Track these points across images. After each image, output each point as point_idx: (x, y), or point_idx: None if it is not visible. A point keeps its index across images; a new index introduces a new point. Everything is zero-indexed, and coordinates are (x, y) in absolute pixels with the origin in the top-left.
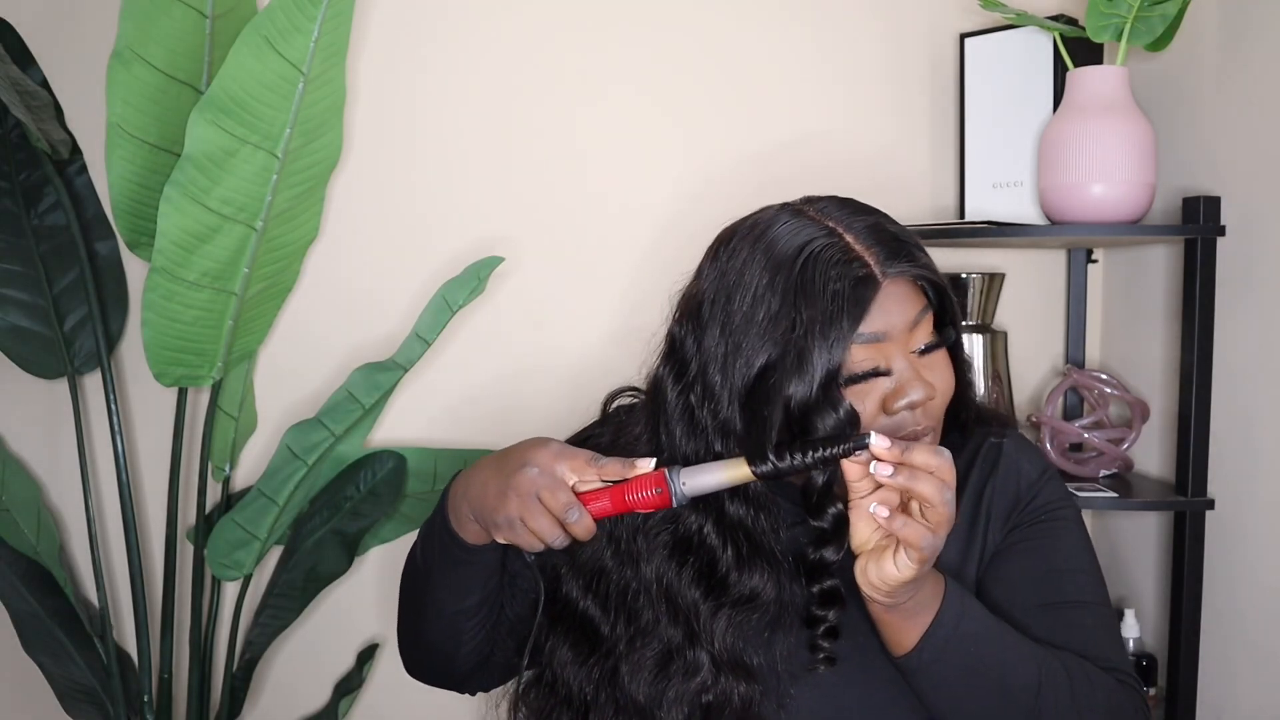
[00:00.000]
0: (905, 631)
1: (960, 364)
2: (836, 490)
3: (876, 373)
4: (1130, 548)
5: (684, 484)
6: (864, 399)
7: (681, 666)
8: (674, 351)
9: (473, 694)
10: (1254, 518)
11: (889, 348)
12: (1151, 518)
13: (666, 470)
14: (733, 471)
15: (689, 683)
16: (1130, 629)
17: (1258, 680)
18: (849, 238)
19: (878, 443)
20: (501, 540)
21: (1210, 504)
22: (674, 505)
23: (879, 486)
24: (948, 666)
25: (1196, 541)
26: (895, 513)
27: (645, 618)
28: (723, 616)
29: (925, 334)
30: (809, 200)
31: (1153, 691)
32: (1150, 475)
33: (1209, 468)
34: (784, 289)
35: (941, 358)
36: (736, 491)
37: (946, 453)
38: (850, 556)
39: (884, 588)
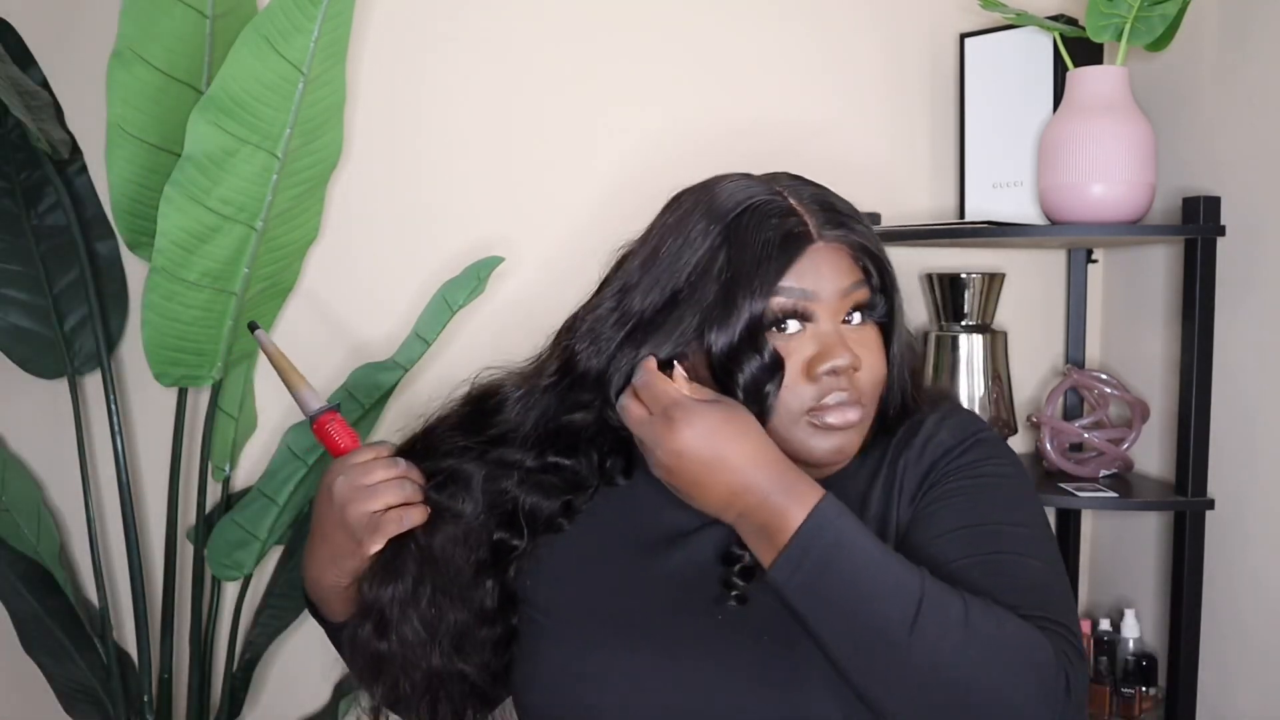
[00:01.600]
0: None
1: (892, 349)
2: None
3: (797, 314)
4: (1130, 548)
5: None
6: (786, 359)
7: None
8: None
9: None
10: (1254, 518)
11: (816, 308)
12: (1151, 518)
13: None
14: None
15: None
16: (1130, 629)
17: (1258, 680)
18: (791, 200)
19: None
20: (376, 547)
21: (1210, 504)
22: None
23: None
24: (814, 566)
25: (1196, 541)
26: None
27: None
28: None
29: (854, 302)
30: (766, 174)
31: (1153, 691)
32: (1150, 475)
33: (1209, 468)
34: (718, 234)
35: (872, 337)
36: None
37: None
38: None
39: None
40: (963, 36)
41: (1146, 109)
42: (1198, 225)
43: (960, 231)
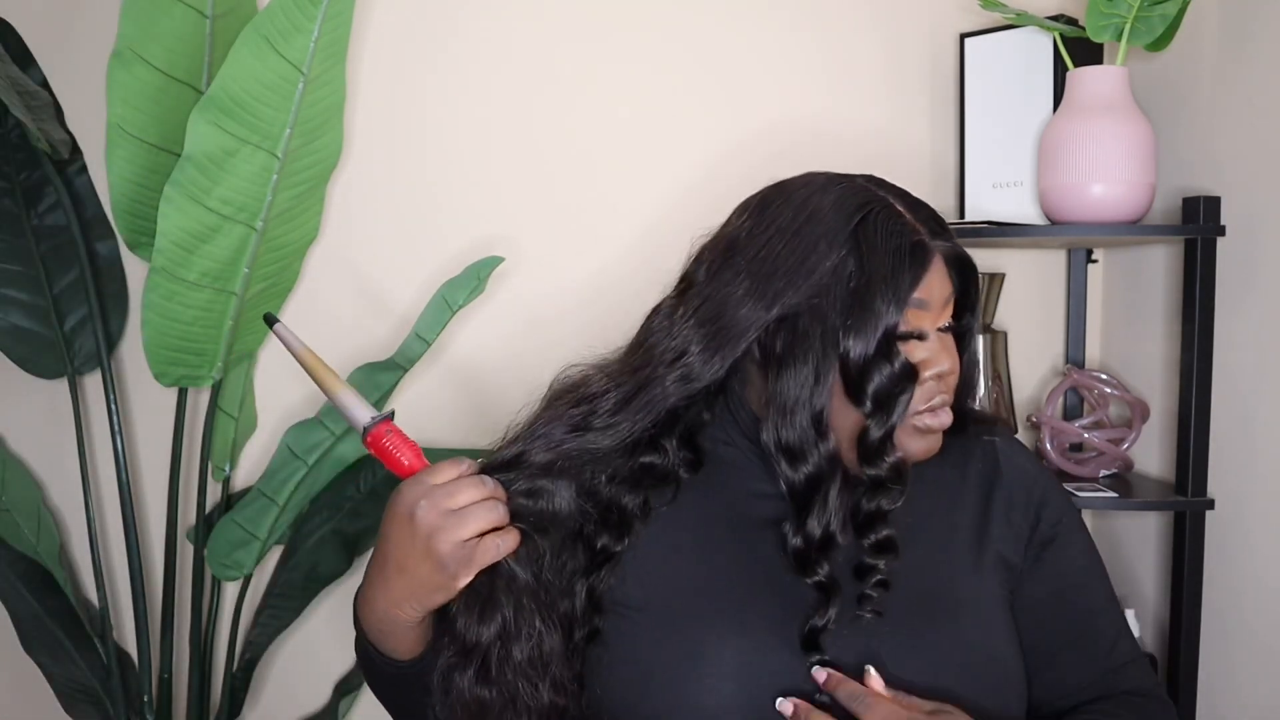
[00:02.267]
0: None
1: (964, 354)
2: (893, 440)
3: (918, 335)
4: (1130, 548)
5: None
6: (921, 357)
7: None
8: (684, 287)
9: None
10: (1254, 518)
11: (925, 318)
12: (1151, 518)
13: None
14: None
15: None
16: (1130, 629)
17: (1258, 680)
18: (899, 206)
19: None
20: (467, 579)
21: (1210, 504)
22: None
23: None
24: None
25: (1196, 541)
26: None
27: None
28: None
29: (949, 314)
30: (847, 174)
31: None
32: (1150, 475)
33: (1209, 468)
34: (841, 241)
35: (953, 341)
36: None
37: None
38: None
39: None
40: (963, 36)
41: (1146, 109)
42: (1198, 225)
43: (960, 231)
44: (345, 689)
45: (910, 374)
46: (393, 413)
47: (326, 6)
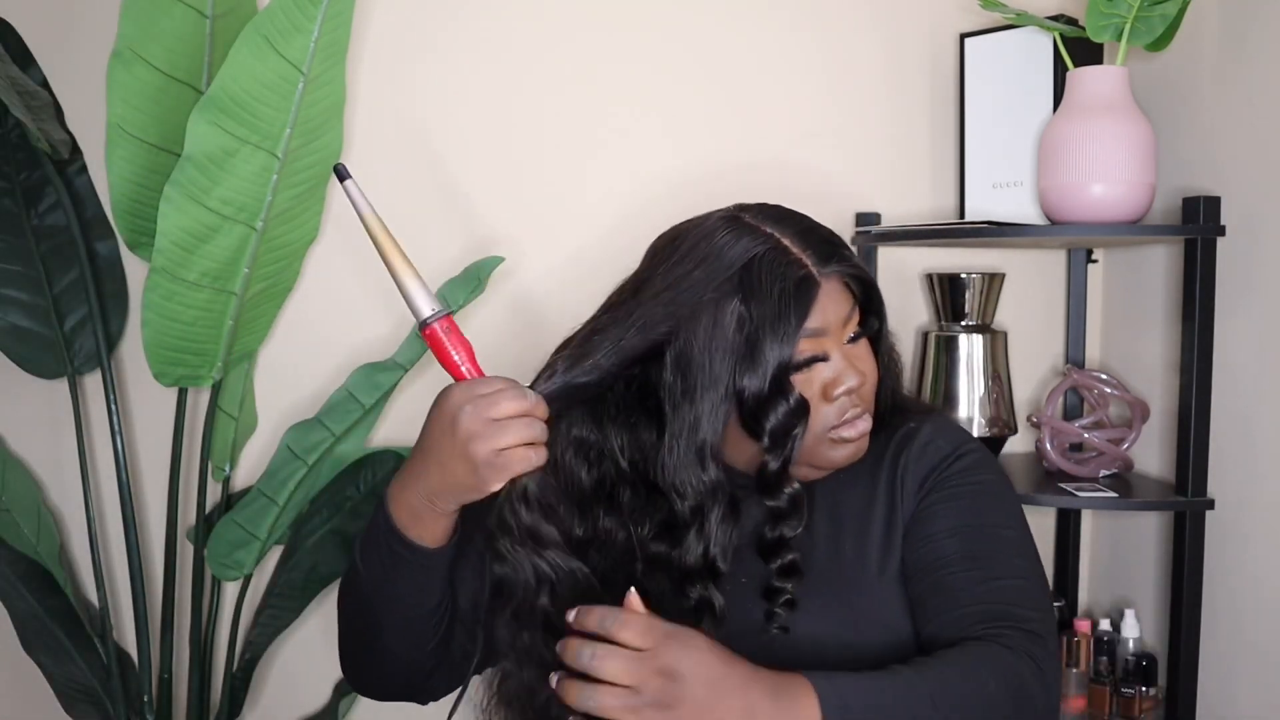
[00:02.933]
0: None
1: (880, 354)
2: (791, 472)
3: (816, 359)
4: (1130, 548)
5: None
6: (807, 387)
7: None
8: (590, 329)
9: (426, 702)
10: (1254, 518)
11: (826, 341)
12: (1151, 518)
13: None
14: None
15: None
16: (1130, 629)
17: (1258, 680)
18: (785, 240)
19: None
20: (498, 486)
21: (1210, 504)
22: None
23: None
24: None
25: (1196, 541)
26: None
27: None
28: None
29: (854, 327)
30: (742, 208)
31: (1153, 691)
32: (1150, 475)
33: (1209, 468)
34: (730, 290)
35: (866, 349)
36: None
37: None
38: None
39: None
40: (963, 36)
41: (1146, 109)
42: (1198, 225)
43: (960, 231)
44: (345, 689)
45: (802, 410)
46: (453, 310)
47: (326, 6)
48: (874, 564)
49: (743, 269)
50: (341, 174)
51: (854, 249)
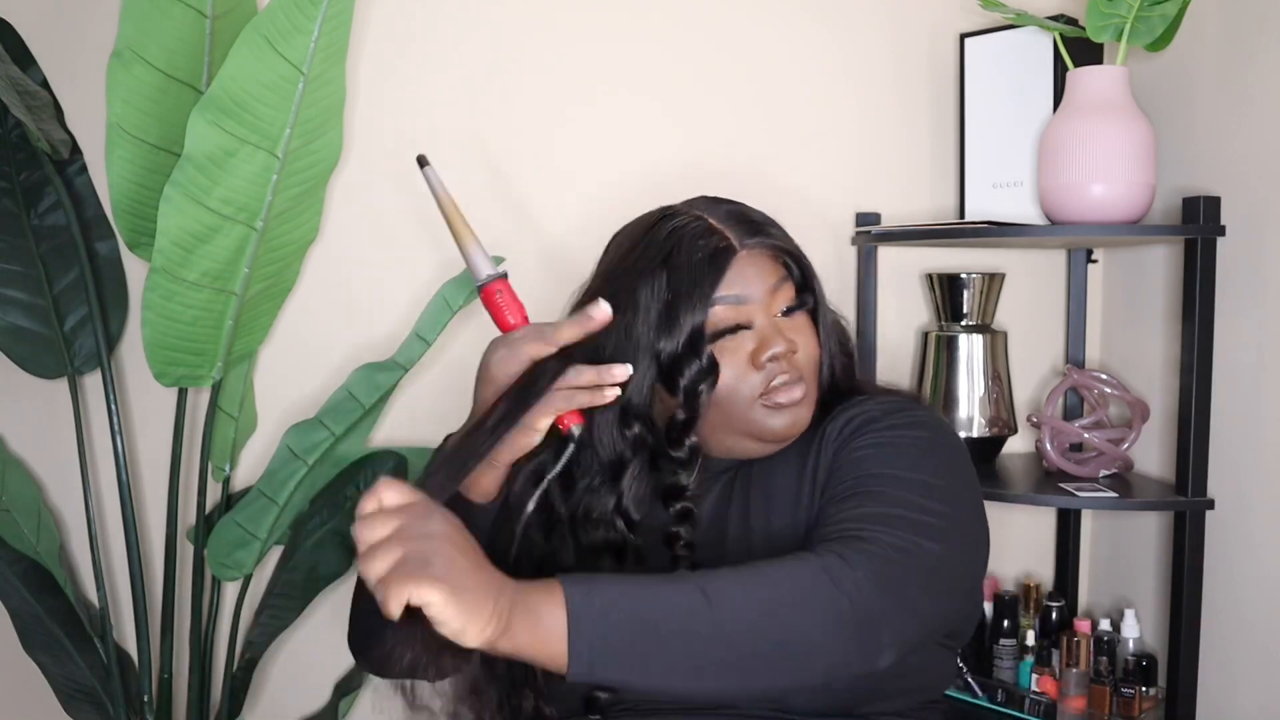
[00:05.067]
0: (549, 643)
1: (819, 331)
2: (694, 426)
3: (738, 327)
4: (1130, 548)
5: None
6: (733, 354)
7: None
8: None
9: (434, 680)
10: (1254, 518)
11: (750, 309)
12: (1151, 518)
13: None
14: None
15: None
16: (1130, 629)
17: (1258, 680)
18: (711, 219)
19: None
20: (546, 421)
21: (1210, 504)
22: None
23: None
24: (603, 645)
25: (1196, 541)
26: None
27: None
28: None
29: (786, 299)
30: (682, 201)
31: (1153, 691)
32: (1150, 475)
33: (1209, 468)
34: (656, 266)
35: (804, 323)
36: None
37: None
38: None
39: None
40: (963, 36)
41: (1146, 109)
42: (1198, 225)
43: (960, 231)
44: (345, 689)
45: (713, 367)
46: (507, 274)
47: (326, 7)
48: (804, 534)
49: (667, 250)
50: (423, 162)
51: (781, 231)
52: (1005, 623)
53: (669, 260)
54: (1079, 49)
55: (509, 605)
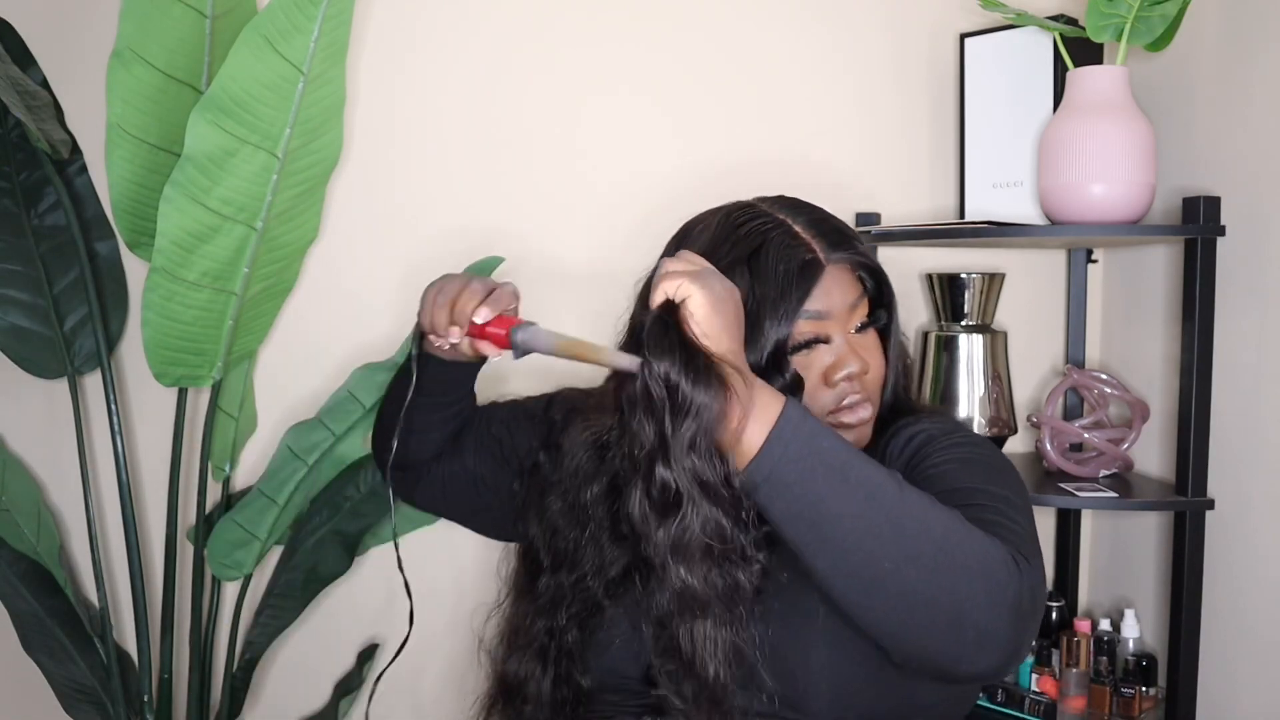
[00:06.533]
0: (755, 421)
1: (889, 349)
2: None
3: (817, 340)
4: (1130, 548)
5: (521, 337)
6: (807, 370)
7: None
8: (634, 334)
9: (410, 496)
10: (1254, 518)
11: (829, 325)
12: (1151, 518)
13: (520, 323)
14: (566, 344)
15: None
16: (1130, 629)
17: (1258, 680)
18: (796, 227)
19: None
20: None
21: (1210, 504)
22: (512, 349)
23: None
24: (797, 461)
25: (1196, 541)
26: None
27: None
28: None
29: (861, 316)
30: (760, 198)
31: (1153, 691)
32: (1150, 475)
33: (1209, 468)
34: (740, 270)
35: (873, 339)
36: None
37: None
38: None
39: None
40: (963, 36)
41: (1146, 109)
42: (1198, 225)
43: (960, 231)
44: (345, 689)
45: (797, 386)
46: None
47: (326, 6)
48: None
49: (751, 250)
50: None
51: (863, 244)
52: None
53: (753, 264)
54: (1079, 49)
55: (741, 363)
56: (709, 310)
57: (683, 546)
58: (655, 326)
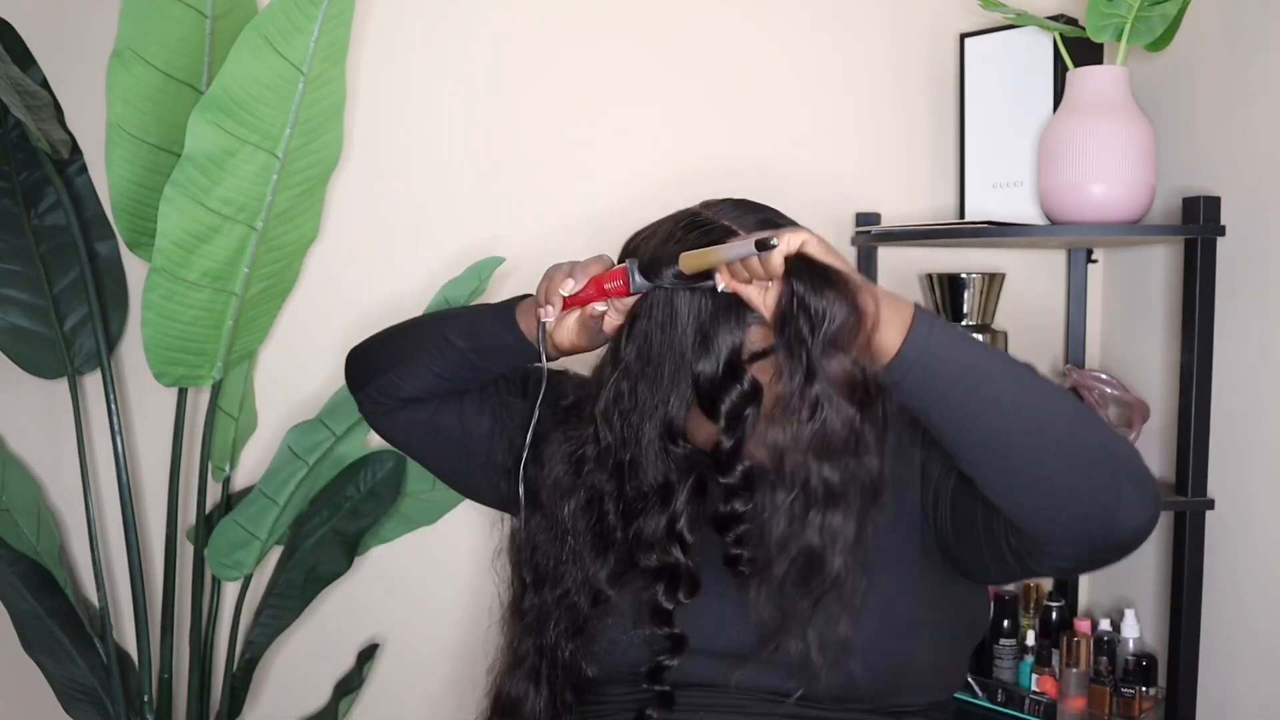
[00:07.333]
0: (891, 326)
1: None
2: (751, 451)
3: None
4: None
5: (639, 277)
6: (766, 377)
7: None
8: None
9: (384, 429)
10: (1254, 518)
11: None
12: None
13: (628, 263)
14: (688, 256)
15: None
16: (1130, 629)
17: (1258, 680)
18: (740, 231)
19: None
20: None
21: (1210, 504)
22: (632, 291)
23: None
24: (944, 331)
25: (1196, 541)
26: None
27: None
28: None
29: None
30: (706, 204)
31: (1153, 691)
32: None
33: (1209, 468)
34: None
35: None
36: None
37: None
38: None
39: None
40: (963, 36)
41: (1146, 109)
42: (1198, 225)
43: (960, 231)
44: (345, 689)
45: (755, 394)
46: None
47: (326, 6)
48: (883, 533)
49: None
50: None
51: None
52: (1005, 623)
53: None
54: (1079, 49)
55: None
56: (823, 248)
57: (825, 442)
58: (798, 263)
